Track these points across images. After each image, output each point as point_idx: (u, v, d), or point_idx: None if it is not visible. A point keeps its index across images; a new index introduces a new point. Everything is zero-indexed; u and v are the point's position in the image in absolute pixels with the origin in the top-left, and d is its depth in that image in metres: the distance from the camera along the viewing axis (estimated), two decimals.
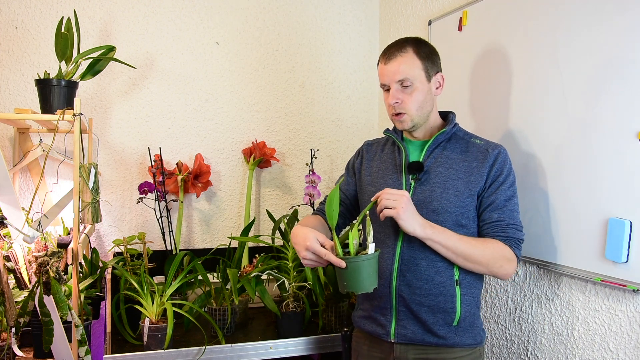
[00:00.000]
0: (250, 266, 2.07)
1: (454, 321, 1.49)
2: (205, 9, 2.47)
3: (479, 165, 1.50)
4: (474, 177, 1.49)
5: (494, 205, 1.48)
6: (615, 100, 1.44)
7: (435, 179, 1.50)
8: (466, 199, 1.48)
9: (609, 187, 1.46)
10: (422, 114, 1.53)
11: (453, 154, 1.53)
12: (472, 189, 1.49)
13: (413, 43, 1.51)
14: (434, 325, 1.49)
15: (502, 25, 1.84)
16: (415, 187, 1.52)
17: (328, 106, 2.69)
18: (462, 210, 1.48)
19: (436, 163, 1.53)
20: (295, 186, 2.65)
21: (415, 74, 1.49)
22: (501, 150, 1.51)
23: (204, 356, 1.87)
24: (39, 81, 1.82)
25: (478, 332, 1.54)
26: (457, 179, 1.49)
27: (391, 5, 2.63)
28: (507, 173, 1.50)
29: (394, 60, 1.49)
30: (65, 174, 2.21)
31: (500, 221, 1.47)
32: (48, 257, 1.59)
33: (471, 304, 1.51)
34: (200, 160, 2.38)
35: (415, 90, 1.49)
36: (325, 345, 2.03)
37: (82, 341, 1.67)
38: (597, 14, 1.49)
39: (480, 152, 1.52)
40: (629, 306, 1.44)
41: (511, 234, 1.46)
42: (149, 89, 2.40)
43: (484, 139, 1.57)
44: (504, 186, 1.48)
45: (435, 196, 1.49)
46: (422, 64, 1.49)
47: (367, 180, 1.65)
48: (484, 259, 1.44)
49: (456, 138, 1.56)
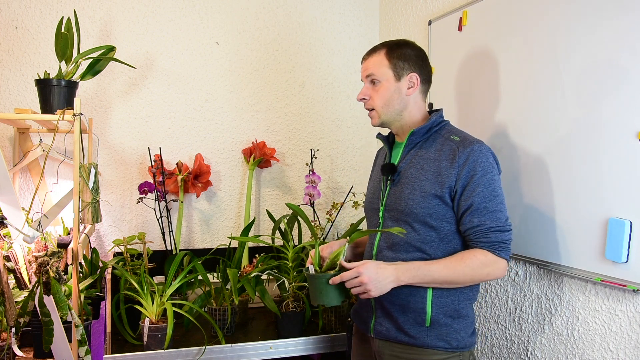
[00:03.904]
0: (250, 266, 2.07)
1: (425, 322, 1.48)
2: (205, 9, 2.47)
3: (448, 164, 1.46)
4: (442, 177, 1.46)
5: (472, 209, 1.43)
6: (615, 100, 1.44)
7: (405, 180, 1.53)
8: (432, 200, 1.47)
9: (609, 187, 1.46)
10: (389, 112, 1.56)
11: (427, 153, 1.52)
12: (439, 189, 1.46)
13: (388, 45, 1.57)
14: (405, 324, 1.50)
15: (502, 25, 1.84)
16: (390, 189, 1.57)
17: (328, 106, 2.69)
18: (430, 211, 1.47)
19: (410, 164, 1.54)
20: (295, 186, 2.65)
21: (382, 72, 1.54)
22: (474, 148, 1.45)
23: (204, 356, 1.87)
24: (39, 81, 1.82)
25: (455, 337, 1.49)
26: (425, 180, 1.48)
27: (391, 5, 2.63)
28: (482, 172, 1.44)
29: (367, 59, 1.60)
30: (65, 174, 2.21)
31: (481, 225, 1.43)
32: (48, 257, 1.58)
33: (447, 307, 1.49)
34: (200, 160, 2.38)
35: (382, 87, 1.55)
36: (325, 345, 2.03)
37: (82, 341, 1.67)
38: (597, 14, 1.49)
39: (451, 150, 1.48)
40: (629, 306, 1.44)
41: (494, 238, 1.43)
42: (149, 89, 2.40)
43: (464, 135, 1.51)
44: (480, 187, 1.43)
45: (402, 197, 1.51)
46: (390, 63, 1.54)
47: (368, 185, 1.77)
48: (467, 277, 1.45)
49: (435, 137, 1.54)
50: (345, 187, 2.72)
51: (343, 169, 2.74)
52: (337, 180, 2.73)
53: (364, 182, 2.76)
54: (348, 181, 2.73)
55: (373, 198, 1.65)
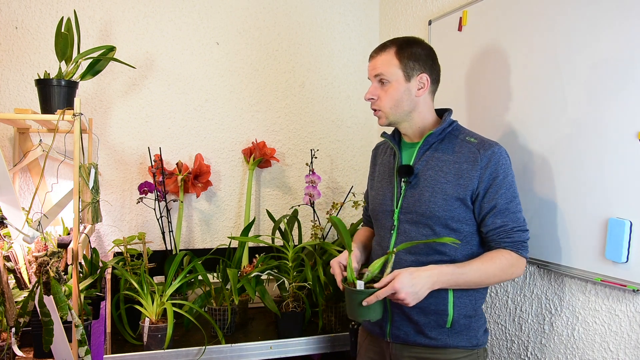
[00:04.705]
0: (250, 266, 2.07)
1: (446, 323, 1.48)
2: (205, 9, 2.47)
3: (470, 167, 1.46)
4: (464, 180, 1.46)
5: (496, 210, 1.45)
6: (615, 100, 1.44)
7: (424, 183, 1.50)
8: (454, 203, 1.47)
9: (609, 187, 1.46)
10: (397, 113, 1.53)
11: (444, 155, 1.51)
12: (461, 192, 1.46)
13: (398, 43, 1.52)
14: (426, 326, 1.49)
15: (502, 25, 1.84)
16: (405, 191, 1.54)
17: (328, 106, 2.69)
18: (451, 214, 1.47)
19: (427, 166, 1.52)
20: (295, 186, 2.65)
21: (392, 72, 1.50)
22: (495, 151, 1.47)
23: (204, 356, 1.87)
24: (39, 81, 1.82)
25: (474, 335, 1.51)
26: (446, 182, 1.47)
27: (391, 5, 2.63)
28: (504, 174, 1.46)
29: (376, 57, 1.54)
30: (65, 174, 2.21)
31: (504, 226, 1.45)
32: (48, 257, 1.58)
33: (466, 307, 1.50)
34: (200, 160, 2.38)
35: (391, 88, 1.51)
36: (325, 345, 2.03)
37: (82, 341, 1.67)
38: (598, 14, 1.49)
39: (471, 152, 1.48)
40: (629, 306, 1.44)
41: (516, 238, 1.45)
42: (149, 89, 2.40)
43: (480, 137, 1.52)
44: (503, 188, 1.45)
45: (423, 200, 1.49)
46: (400, 63, 1.50)
47: (370, 185, 1.72)
48: (496, 277, 1.46)
49: (450, 138, 1.53)
50: (345, 187, 2.72)
51: (343, 169, 2.74)
52: (337, 180, 2.73)
53: (363, 182, 2.75)
54: (348, 181, 2.73)
55: (384, 200, 1.60)
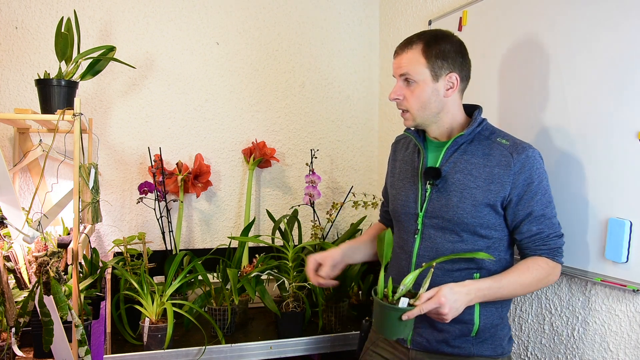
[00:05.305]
0: (250, 266, 2.07)
1: (471, 332, 1.43)
2: (205, 9, 2.47)
3: (502, 172, 1.38)
4: (495, 185, 1.38)
5: (532, 217, 1.39)
6: (615, 100, 1.44)
7: (452, 187, 1.42)
8: (484, 209, 1.40)
9: (609, 187, 1.46)
10: (425, 114, 1.44)
11: (474, 158, 1.42)
12: (492, 198, 1.39)
13: (425, 39, 1.42)
14: (450, 335, 1.43)
15: (502, 25, 1.84)
16: (431, 194, 1.46)
17: (328, 106, 2.69)
18: (480, 220, 1.40)
19: (455, 168, 1.43)
20: (295, 186, 2.65)
21: (418, 71, 1.41)
22: (529, 154, 1.38)
23: (204, 356, 1.87)
24: (39, 81, 1.82)
25: (500, 344, 1.46)
26: (476, 187, 1.40)
27: (391, 5, 2.63)
28: (539, 179, 1.38)
29: (401, 54, 1.44)
30: (65, 174, 2.21)
31: (540, 233, 1.39)
32: (48, 257, 1.58)
33: (493, 315, 1.44)
34: (200, 160, 2.38)
35: (418, 89, 1.42)
36: (325, 345, 2.03)
37: (82, 341, 1.67)
38: (598, 14, 1.49)
39: (503, 156, 1.39)
40: (629, 306, 1.44)
41: (553, 245, 1.40)
42: (149, 89, 2.40)
43: (512, 139, 1.43)
44: (539, 194, 1.38)
45: (451, 205, 1.41)
46: (427, 62, 1.40)
47: (391, 182, 1.63)
48: (532, 287, 1.41)
49: (480, 139, 1.44)
50: (345, 187, 2.72)
51: (343, 169, 2.74)
52: (337, 180, 2.73)
53: (364, 182, 2.76)
54: (348, 181, 2.73)
55: (407, 202, 1.51)
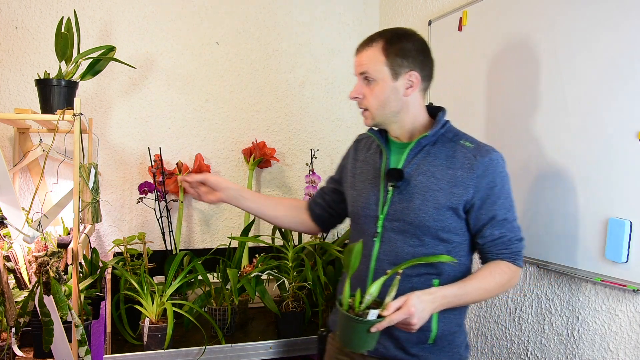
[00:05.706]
0: (250, 266, 2.07)
1: (428, 339, 1.38)
2: (205, 9, 2.47)
3: (465, 174, 1.35)
4: (458, 188, 1.36)
5: (495, 221, 1.36)
6: (615, 100, 1.44)
7: (414, 189, 1.38)
8: (446, 212, 1.36)
9: (609, 187, 1.46)
10: (385, 113, 1.41)
11: (437, 160, 1.39)
12: (455, 201, 1.36)
13: (386, 37, 1.39)
14: (407, 342, 1.39)
15: (502, 25, 1.84)
16: (393, 196, 1.41)
17: (328, 106, 2.69)
18: (442, 224, 1.37)
19: (417, 170, 1.40)
20: (295, 186, 2.65)
21: (378, 69, 1.38)
22: (492, 158, 1.36)
23: (204, 356, 1.87)
24: (39, 81, 1.82)
25: (457, 351, 1.42)
26: (439, 190, 1.36)
27: (391, 5, 2.63)
28: (501, 183, 1.37)
29: (362, 52, 1.43)
30: (65, 174, 2.21)
31: (502, 237, 1.37)
32: (48, 257, 1.58)
33: (451, 323, 1.40)
34: (200, 160, 2.38)
35: (377, 87, 1.39)
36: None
37: (82, 341, 1.67)
38: (598, 14, 1.49)
39: (467, 159, 1.37)
40: (629, 306, 1.44)
41: (514, 249, 1.38)
42: (149, 89, 2.40)
43: (476, 141, 1.41)
44: (501, 198, 1.36)
45: (412, 208, 1.37)
46: (387, 60, 1.37)
47: (351, 182, 1.55)
48: (495, 292, 1.38)
49: (443, 141, 1.41)
50: None
51: None
52: None
53: None
54: None
55: (368, 203, 1.46)
